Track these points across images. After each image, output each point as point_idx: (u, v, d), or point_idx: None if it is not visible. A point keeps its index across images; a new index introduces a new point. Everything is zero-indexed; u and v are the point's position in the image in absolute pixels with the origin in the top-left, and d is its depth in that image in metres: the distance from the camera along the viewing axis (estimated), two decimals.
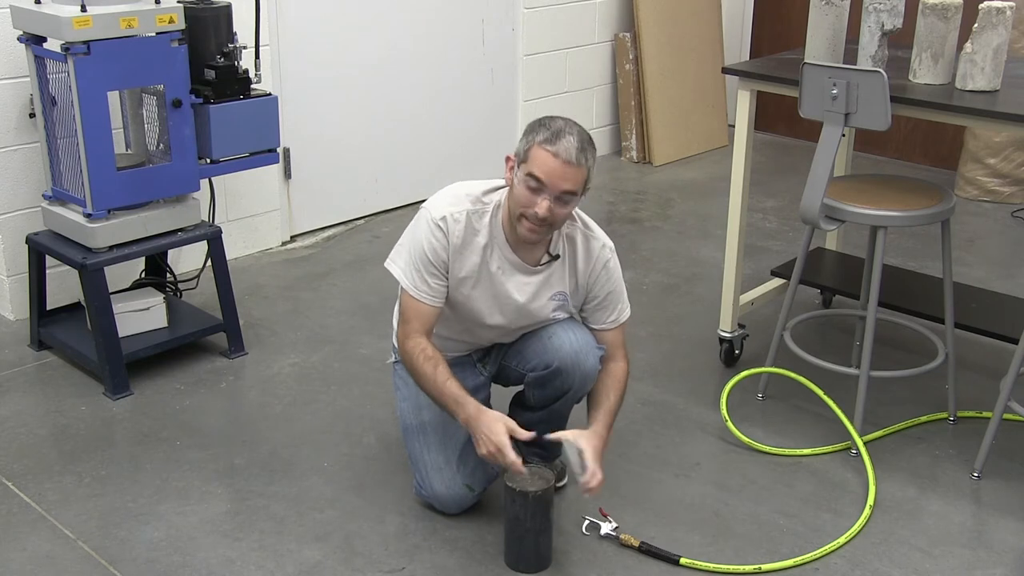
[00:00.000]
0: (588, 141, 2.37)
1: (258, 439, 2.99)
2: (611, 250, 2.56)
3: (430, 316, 2.49)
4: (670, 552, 2.49)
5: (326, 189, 4.52)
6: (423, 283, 2.47)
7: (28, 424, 3.04)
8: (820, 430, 3.04)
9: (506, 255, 2.49)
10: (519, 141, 2.41)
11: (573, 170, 2.33)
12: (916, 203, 2.90)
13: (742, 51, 6.09)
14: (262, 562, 2.48)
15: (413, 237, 2.50)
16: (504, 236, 2.48)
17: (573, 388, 2.56)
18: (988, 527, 2.66)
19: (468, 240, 2.46)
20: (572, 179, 2.33)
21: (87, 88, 2.98)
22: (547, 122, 2.37)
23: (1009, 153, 4.92)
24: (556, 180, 2.32)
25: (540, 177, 2.32)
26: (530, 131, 2.38)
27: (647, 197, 5.08)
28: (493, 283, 2.50)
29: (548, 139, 2.33)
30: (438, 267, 2.46)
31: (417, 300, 2.48)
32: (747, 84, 3.17)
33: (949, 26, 2.92)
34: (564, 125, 2.36)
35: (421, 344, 2.47)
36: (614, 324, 2.60)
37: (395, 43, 4.61)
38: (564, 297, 2.55)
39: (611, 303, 2.59)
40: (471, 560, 2.49)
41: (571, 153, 2.31)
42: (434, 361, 2.45)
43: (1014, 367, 2.78)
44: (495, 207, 2.48)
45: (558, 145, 2.31)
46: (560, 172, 2.32)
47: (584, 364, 2.53)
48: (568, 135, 2.33)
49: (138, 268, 3.67)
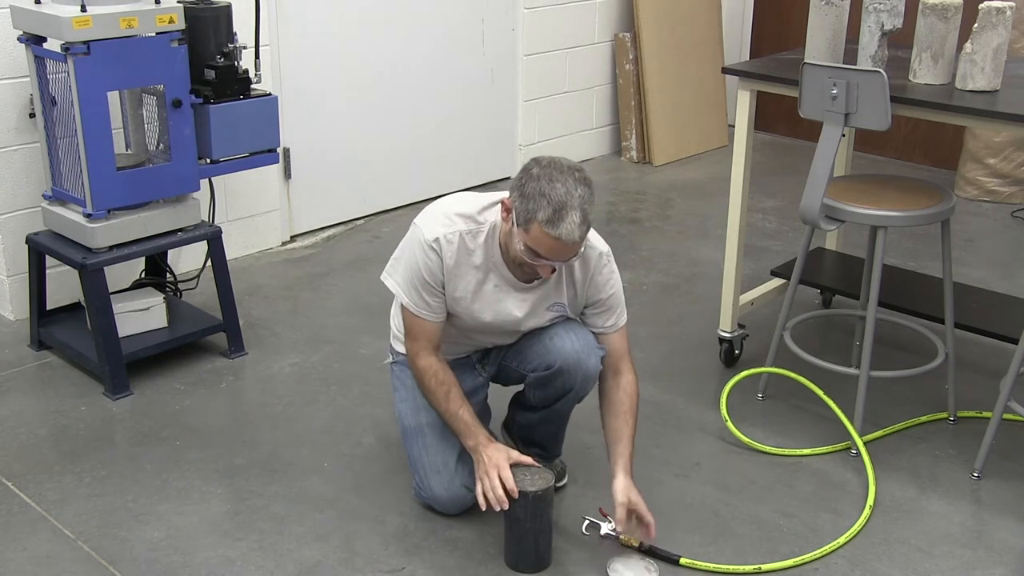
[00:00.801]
0: (589, 200, 2.26)
1: (258, 439, 2.99)
2: (608, 256, 2.52)
3: (435, 331, 2.50)
4: (670, 552, 2.49)
5: (326, 189, 4.52)
6: (423, 301, 2.46)
7: (28, 424, 3.04)
8: (820, 430, 3.04)
9: (503, 274, 2.46)
10: (514, 192, 2.28)
11: (576, 246, 2.28)
12: (916, 203, 2.90)
13: (742, 51, 6.09)
14: (262, 562, 2.48)
15: (408, 257, 2.47)
16: (501, 257, 2.44)
17: (575, 388, 2.56)
18: (988, 527, 2.66)
19: (462, 260, 2.43)
20: (576, 249, 2.30)
21: (87, 88, 2.98)
22: (547, 189, 2.22)
23: (1009, 153, 4.92)
24: (559, 256, 2.30)
25: (543, 254, 2.29)
26: (529, 196, 2.24)
27: (647, 197, 5.08)
28: (491, 300, 2.49)
29: (550, 220, 2.21)
30: (435, 286, 2.45)
31: (420, 318, 2.48)
32: (747, 84, 3.17)
33: (949, 26, 2.92)
34: (566, 195, 2.21)
35: (433, 366, 2.49)
36: (614, 328, 2.58)
37: (395, 43, 4.62)
38: (562, 308, 2.54)
39: (611, 307, 2.57)
40: (471, 560, 2.49)
41: (574, 235, 2.23)
42: (447, 386, 2.48)
43: (1014, 367, 2.78)
44: (491, 228, 2.43)
45: (560, 228, 2.21)
46: (564, 250, 2.28)
47: (586, 364, 2.52)
48: (571, 211, 2.21)
49: (138, 268, 3.67)
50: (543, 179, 2.24)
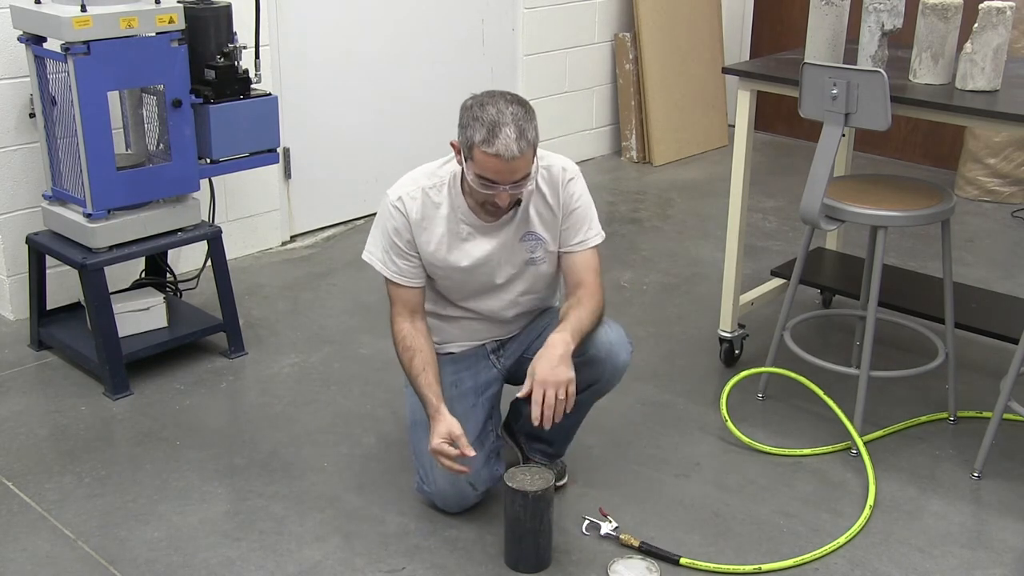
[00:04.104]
0: (524, 116, 2.32)
1: (258, 439, 2.99)
2: (573, 171, 2.54)
3: (411, 297, 2.56)
4: (670, 552, 2.49)
5: (326, 189, 4.52)
6: (395, 265, 2.53)
7: (28, 424, 3.04)
8: (820, 430, 3.04)
9: (471, 221, 2.51)
10: (458, 127, 2.37)
11: (519, 161, 2.32)
12: (916, 203, 2.90)
13: (742, 51, 6.09)
14: (262, 562, 2.48)
15: (380, 224, 2.56)
16: (465, 203, 2.49)
17: (602, 380, 2.56)
18: (988, 527, 2.66)
19: (429, 213, 2.50)
20: (521, 168, 2.34)
21: (87, 88, 2.98)
22: (479, 114, 2.30)
23: (1009, 153, 4.92)
24: (506, 175, 2.33)
25: (490, 178, 2.34)
26: (465, 124, 2.34)
27: (647, 197, 5.08)
28: (465, 247, 2.52)
29: (485, 139, 2.29)
30: (404, 248, 2.51)
31: (395, 284, 2.55)
32: (747, 84, 3.17)
33: (949, 26, 2.92)
34: (497, 114, 2.29)
35: (404, 330, 2.54)
36: (581, 247, 2.55)
37: (395, 43, 4.62)
38: (537, 236, 2.54)
39: (576, 223, 2.55)
40: (471, 560, 2.49)
41: (512, 148, 2.28)
42: (411, 352, 2.52)
43: (1014, 367, 2.78)
44: (452, 177, 2.50)
45: (497, 145, 2.28)
46: (508, 168, 2.32)
47: (617, 358, 2.54)
48: (503, 128, 2.28)
49: (138, 268, 3.67)
50: (475, 107, 2.34)
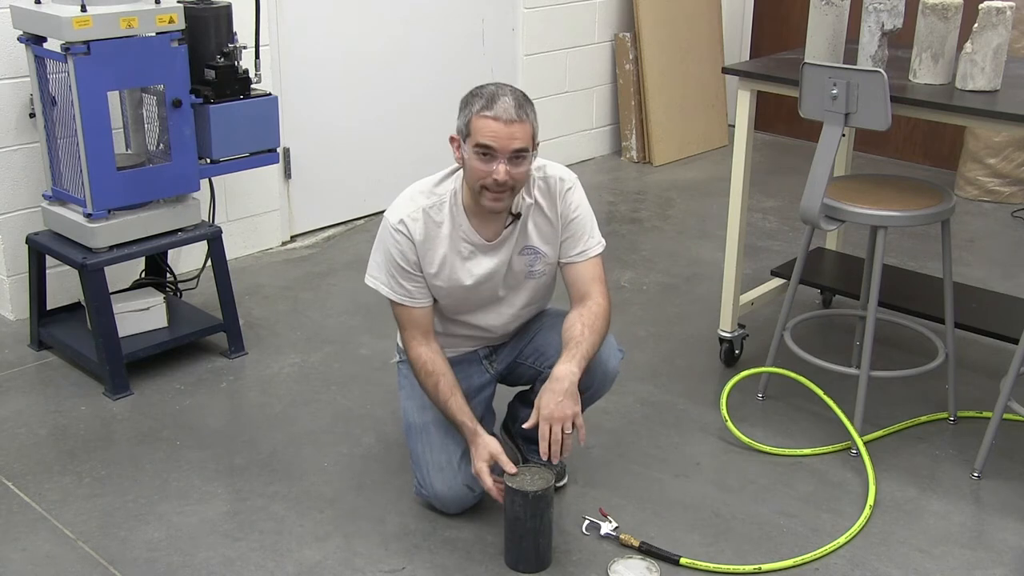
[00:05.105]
0: (524, 97, 2.40)
1: (258, 439, 2.99)
2: (571, 180, 2.55)
3: (422, 318, 2.54)
4: (670, 552, 2.49)
5: (326, 189, 4.52)
6: (402, 288, 2.51)
7: (28, 424, 3.04)
8: (820, 430, 3.04)
9: (472, 240, 2.50)
10: (457, 119, 2.42)
11: (518, 127, 2.34)
12: (916, 203, 2.90)
13: (742, 51, 6.09)
14: (262, 562, 2.48)
15: (382, 248, 2.54)
16: (468, 220, 2.49)
17: (593, 387, 2.56)
18: (988, 527, 2.66)
19: (431, 233, 2.49)
20: (520, 136, 2.35)
21: (87, 88, 2.98)
22: (478, 91, 2.39)
23: (1009, 153, 4.92)
24: (504, 142, 2.34)
25: (489, 144, 2.34)
26: (465, 105, 2.41)
27: (647, 197, 5.08)
28: (467, 264, 2.52)
29: (485, 106, 2.35)
30: (411, 269, 2.50)
31: (404, 306, 2.53)
32: (747, 84, 3.17)
33: (949, 26, 2.92)
34: (496, 88, 2.38)
35: (422, 356, 2.52)
36: (583, 256, 2.56)
37: (395, 43, 4.62)
38: (535, 250, 2.55)
39: (576, 233, 2.55)
40: (471, 560, 2.49)
41: (511, 111, 2.33)
42: (435, 377, 2.51)
43: (1014, 367, 2.78)
44: (452, 195, 2.51)
45: (496, 108, 2.33)
46: (506, 133, 2.34)
47: (607, 364, 2.55)
48: (502, 96, 2.35)
49: (138, 268, 3.67)
50: (474, 89, 2.42)
